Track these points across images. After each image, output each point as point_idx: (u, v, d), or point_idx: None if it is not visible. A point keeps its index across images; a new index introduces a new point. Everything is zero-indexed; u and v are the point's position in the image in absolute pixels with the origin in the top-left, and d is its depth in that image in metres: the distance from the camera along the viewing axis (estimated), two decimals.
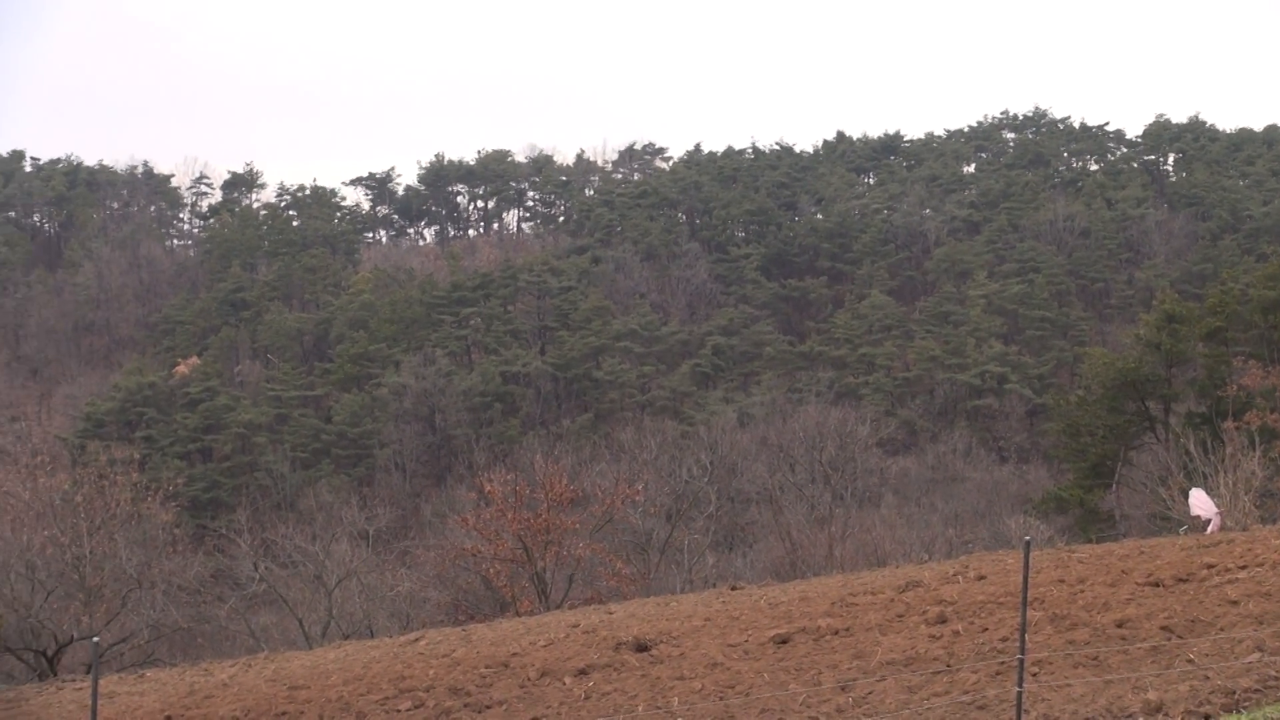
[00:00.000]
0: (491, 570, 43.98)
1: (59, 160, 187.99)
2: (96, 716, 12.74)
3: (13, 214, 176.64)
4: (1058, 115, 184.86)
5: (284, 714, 20.58)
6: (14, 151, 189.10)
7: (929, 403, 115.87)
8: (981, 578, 24.79)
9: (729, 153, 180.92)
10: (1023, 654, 15.23)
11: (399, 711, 20.03)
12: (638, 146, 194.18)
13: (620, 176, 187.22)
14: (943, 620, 21.37)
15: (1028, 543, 16.06)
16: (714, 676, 19.65)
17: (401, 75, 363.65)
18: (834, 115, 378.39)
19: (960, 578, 25.10)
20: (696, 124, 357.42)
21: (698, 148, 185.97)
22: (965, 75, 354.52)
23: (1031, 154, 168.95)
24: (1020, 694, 15.11)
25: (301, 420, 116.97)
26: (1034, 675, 17.15)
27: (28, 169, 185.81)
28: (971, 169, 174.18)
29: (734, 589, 29.62)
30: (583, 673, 20.94)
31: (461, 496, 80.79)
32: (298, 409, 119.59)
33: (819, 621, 22.30)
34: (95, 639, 14.40)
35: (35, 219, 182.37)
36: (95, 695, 12.61)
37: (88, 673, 35.66)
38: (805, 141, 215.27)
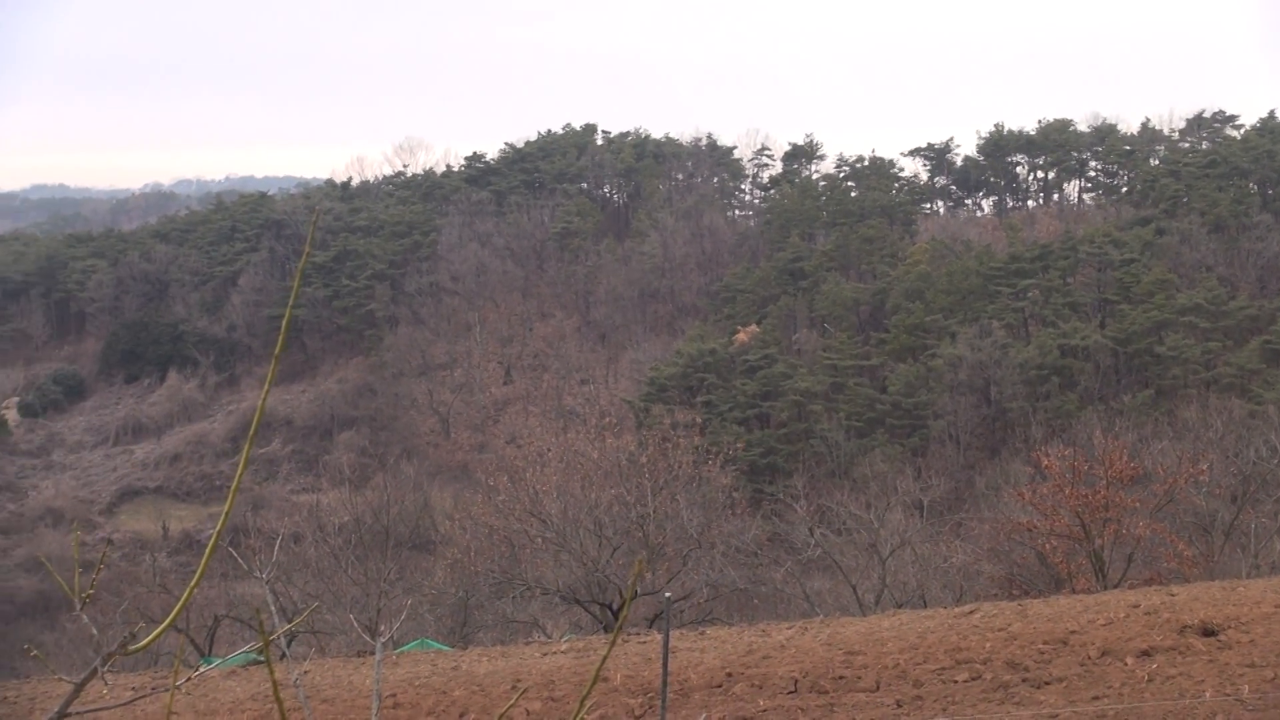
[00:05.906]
0: (1047, 546, 43.32)
1: (628, 133, 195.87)
2: (667, 667, 13.22)
3: (585, 185, 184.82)
4: None
5: (841, 678, 20.82)
6: (586, 125, 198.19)
7: None
8: None
9: None
10: None
11: (956, 682, 19.99)
12: (1206, 114, 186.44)
13: (1187, 145, 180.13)
14: None
15: None
16: None
17: (961, 46, 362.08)
18: None
19: None
20: (1272, 91, 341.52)
21: (1271, 115, 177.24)
22: None
23: None
24: None
25: (856, 389, 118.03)
26: None
27: (599, 142, 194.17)
28: None
29: None
30: (1145, 654, 20.43)
31: (1016, 470, 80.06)
32: (853, 378, 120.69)
33: None
34: (667, 594, 14.99)
35: (605, 190, 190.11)
36: (666, 646, 13.10)
37: (649, 626, 37.10)
38: None
